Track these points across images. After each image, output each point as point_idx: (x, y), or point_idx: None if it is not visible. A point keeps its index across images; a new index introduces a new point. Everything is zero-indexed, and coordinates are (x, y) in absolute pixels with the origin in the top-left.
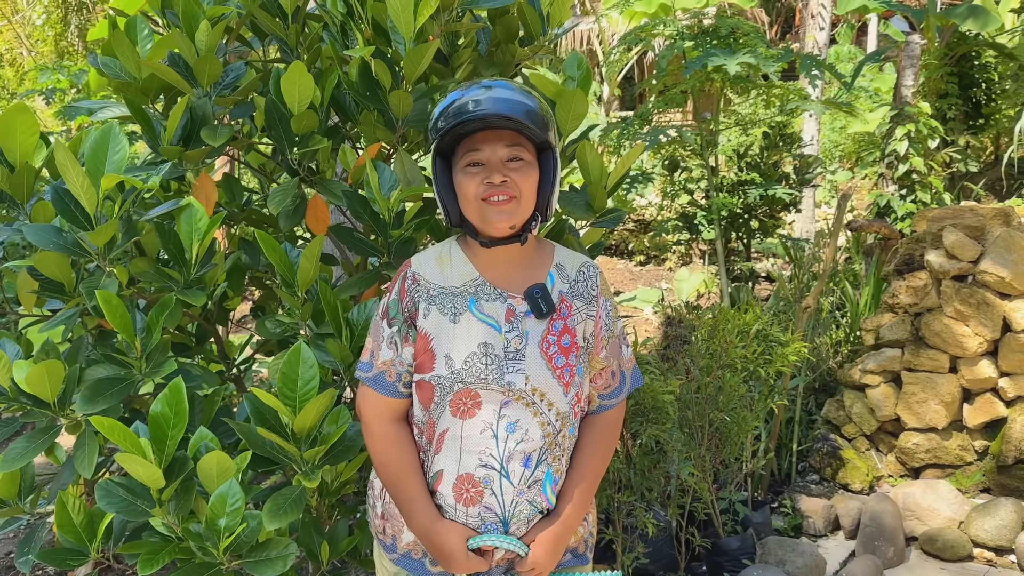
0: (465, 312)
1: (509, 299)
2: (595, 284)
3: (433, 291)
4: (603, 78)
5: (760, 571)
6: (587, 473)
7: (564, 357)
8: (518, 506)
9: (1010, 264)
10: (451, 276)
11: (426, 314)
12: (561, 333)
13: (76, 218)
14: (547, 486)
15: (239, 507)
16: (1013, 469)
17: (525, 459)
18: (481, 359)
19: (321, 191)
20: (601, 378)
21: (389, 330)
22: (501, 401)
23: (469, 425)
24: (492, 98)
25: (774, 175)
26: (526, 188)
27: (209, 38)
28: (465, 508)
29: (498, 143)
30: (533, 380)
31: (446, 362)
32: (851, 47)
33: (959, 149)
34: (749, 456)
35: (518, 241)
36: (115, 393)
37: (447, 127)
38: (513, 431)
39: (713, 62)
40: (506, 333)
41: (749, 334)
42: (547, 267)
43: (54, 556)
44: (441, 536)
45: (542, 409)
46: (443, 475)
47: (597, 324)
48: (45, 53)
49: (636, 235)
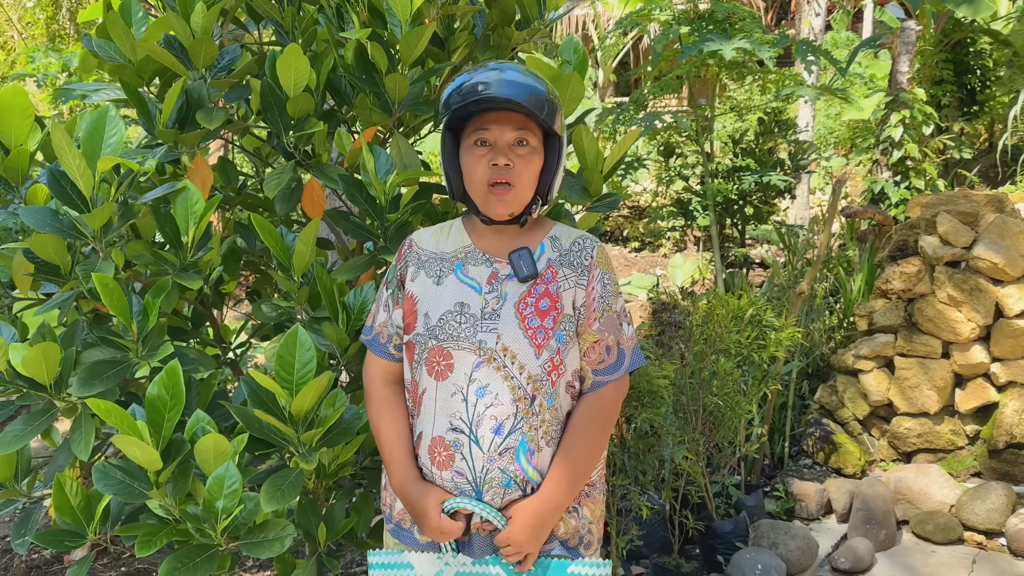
0: (450, 275)
1: (495, 263)
2: (589, 255)
3: (424, 256)
4: (598, 63)
5: (753, 554)
6: (573, 450)
7: (539, 319)
8: (489, 473)
9: (1003, 250)
10: (445, 244)
11: (414, 277)
12: (541, 296)
13: (72, 200)
14: (521, 455)
15: (236, 489)
16: (1004, 453)
17: (496, 426)
18: (455, 317)
19: (317, 175)
20: (594, 351)
21: (386, 293)
22: (473, 363)
23: (443, 387)
24: (504, 80)
25: (769, 161)
26: (526, 175)
27: (205, 20)
28: (439, 472)
29: (507, 125)
30: (504, 339)
31: (424, 320)
32: (847, 33)
33: (953, 136)
34: (743, 440)
35: (517, 224)
36: (111, 376)
37: (458, 104)
38: (483, 395)
39: (709, 47)
40: (485, 294)
41: (743, 319)
42: (540, 238)
43: (51, 538)
44: (416, 496)
45: (513, 372)
46: (422, 437)
47: (589, 295)
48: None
49: (631, 221)
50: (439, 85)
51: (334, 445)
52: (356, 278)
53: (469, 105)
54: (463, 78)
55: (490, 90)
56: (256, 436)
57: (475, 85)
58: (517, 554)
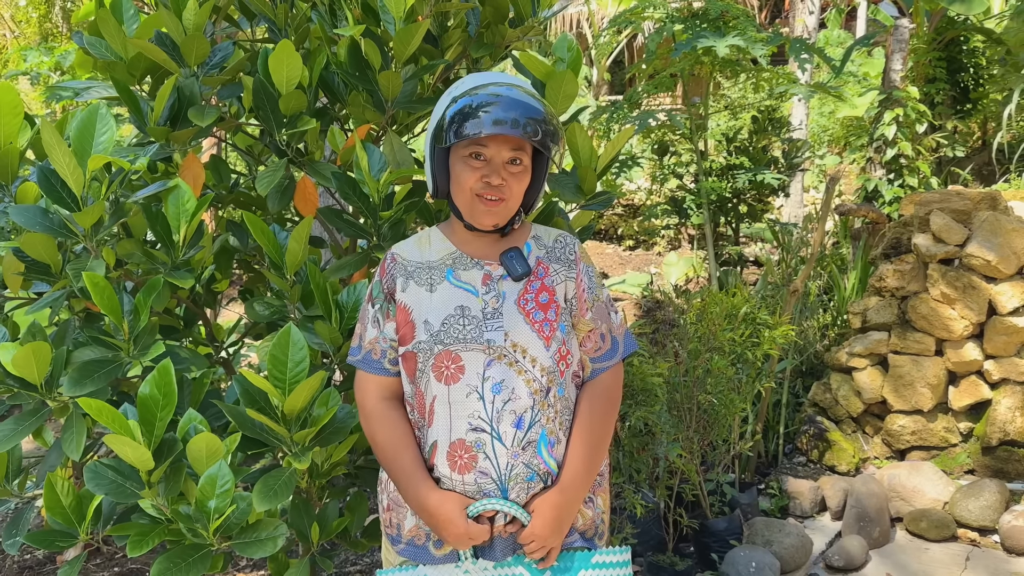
0: (442, 282)
1: (486, 266)
2: (573, 251)
3: (411, 267)
4: (592, 62)
5: (747, 552)
6: (585, 438)
7: (542, 312)
8: (514, 469)
9: (996, 248)
10: (429, 253)
11: (404, 287)
12: (539, 291)
13: (63, 199)
14: (542, 448)
15: (229, 488)
16: (997, 451)
17: (516, 420)
18: (459, 320)
19: (310, 172)
20: (590, 340)
21: (372, 310)
22: (484, 362)
23: (455, 390)
24: (509, 100)
25: (763, 159)
26: (517, 190)
27: (197, 17)
28: (461, 476)
29: (504, 145)
30: (513, 335)
31: (425, 327)
32: (840, 31)
33: (947, 134)
34: (736, 438)
35: (500, 233)
36: (103, 375)
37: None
38: (499, 391)
39: (703, 44)
40: (483, 296)
41: (737, 317)
42: (524, 239)
43: (43, 538)
44: (438, 506)
45: (526, 366)
46: (437, 446)
47: (579, 287)
48: (29, 35)
49: (625, 220)
50: (432, 83)
51: (327, 444)
52: (349, 276)
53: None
54: (462, 103)
55: (497, 117)
56: (249, 435)
57: (478, 111)
58: (541, 549)
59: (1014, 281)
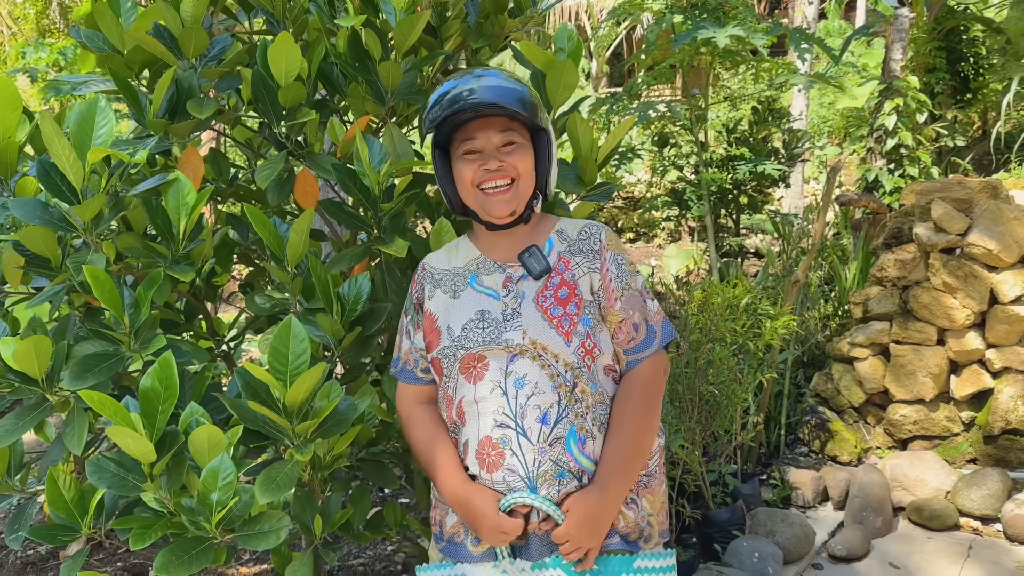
0: (466, 288)
1: (507, 268)
2: (598, 239)
3: (439, 275)
4: (592, 54)
5: (750, 542)
6: (619, 433)
7: (562, 307)
8: (542, 466)
9: (997, 236)
10: (457, 260)
11: (431, 295)
12: (558, 287)
13: (62, 192)
14: (572, 444)
15: (231, 481)
16: (999, 440)
17: (542, 415)
18: (478, 324)
19: (309, 165)
20: (622, 331)
21: (405, 321)
22: (507, 358)
23: (481, 387)
24: (482, 87)
25: (763, 150)
26: (523, 168)
27: (194, 9)
28: (489, 474)
29: (491, 130)
30: (531, 333)
31: (448, 333)
32: (840, 22)
33: (947, 124)
34: (739, 429)
35: (522, 222)
36: (104, 369)
37: (441, 116)
38: (522, 386)
39: (702, 34)
40: (504, 298)
41: (738, 308)
42: (547, 235)
43: (45, 533)
44: (469, 497)
45: (549, 361)
46: (468, 445)
47: (605, 276)
48: (26, 31)
49: (625, 212)
50: (432, 74)
51: (329, 436)
52: (350, 269)
53: (452, 117)
54: (440, 91)
55: (475, 96)
56: (251, 428)
57: (458, 94)
58: (577, 551)
59: (1015, 270)
